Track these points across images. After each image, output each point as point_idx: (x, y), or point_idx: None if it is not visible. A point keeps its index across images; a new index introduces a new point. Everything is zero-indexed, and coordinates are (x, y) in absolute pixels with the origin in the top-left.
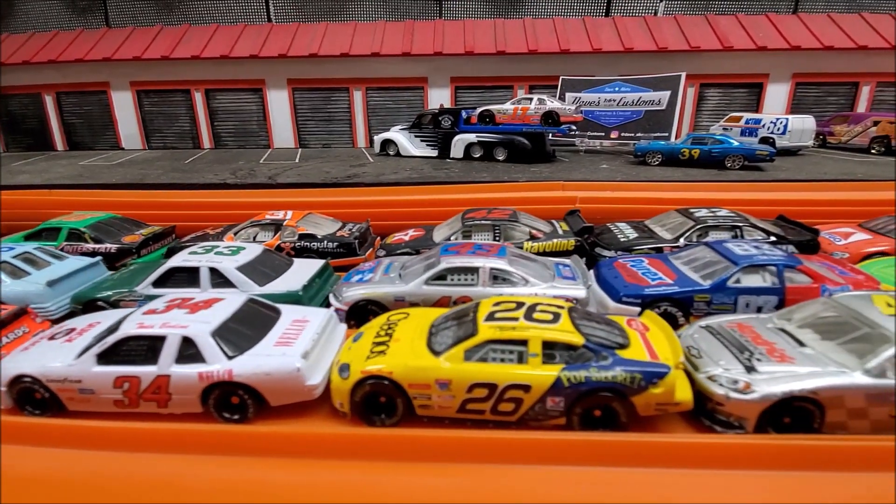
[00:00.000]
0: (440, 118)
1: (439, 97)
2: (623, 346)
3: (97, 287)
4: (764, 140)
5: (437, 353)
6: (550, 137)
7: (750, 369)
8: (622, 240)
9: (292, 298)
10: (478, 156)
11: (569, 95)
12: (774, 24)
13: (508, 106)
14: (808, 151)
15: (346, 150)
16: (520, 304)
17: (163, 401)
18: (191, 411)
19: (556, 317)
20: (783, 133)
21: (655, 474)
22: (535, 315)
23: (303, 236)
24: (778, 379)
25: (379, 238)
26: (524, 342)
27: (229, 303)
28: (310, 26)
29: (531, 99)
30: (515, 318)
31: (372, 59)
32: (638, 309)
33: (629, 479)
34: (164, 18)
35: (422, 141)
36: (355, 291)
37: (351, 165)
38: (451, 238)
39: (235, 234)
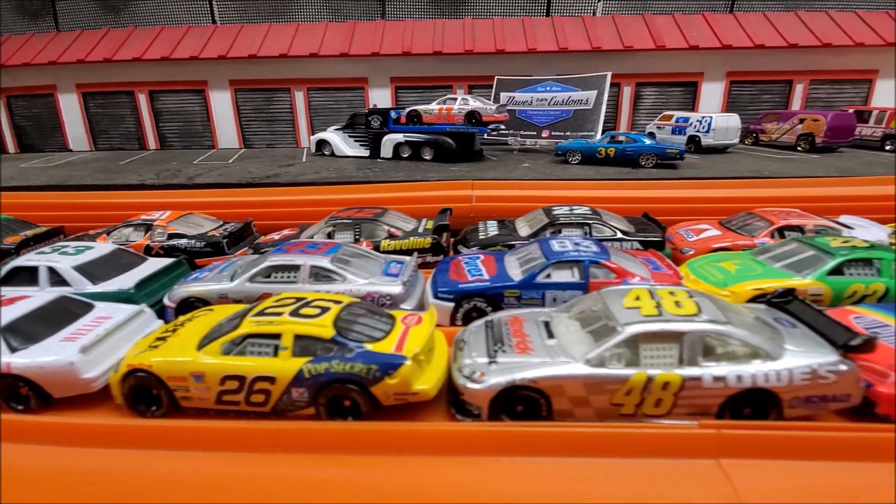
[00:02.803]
0: (370, 118)
1: (379, 97)
2: (376, 340)
3: None
4: (692, 138)
5: (201, 348)
6: (486, 136)
7: (492, 361)
8: (482, 237)
9: (124, 296)
10: (406, 155)
11: (503, 95)
12: (710, 24)
13: (434, 106)
14: (735, 149)
15: (288, 150)
16: (298, 300)
17: None
18: None
19: (325, 311)
20: (707, 131)
21: (379, 461)
22: (303, 310)
23: (172, 236)
24: (506, 369)
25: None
26: (278, 336)
27: (34, 300)
28: (253, 27)
29: (455, 99)
30: (280, 314)
31: (311, 59)
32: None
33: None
34: (112, 21)
35: (355, 141)
36: (183, 289)
37: (279, 165)
38: (316, 236)
39: (108, 234)
